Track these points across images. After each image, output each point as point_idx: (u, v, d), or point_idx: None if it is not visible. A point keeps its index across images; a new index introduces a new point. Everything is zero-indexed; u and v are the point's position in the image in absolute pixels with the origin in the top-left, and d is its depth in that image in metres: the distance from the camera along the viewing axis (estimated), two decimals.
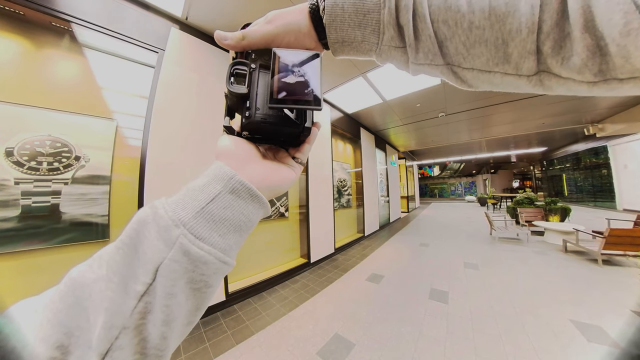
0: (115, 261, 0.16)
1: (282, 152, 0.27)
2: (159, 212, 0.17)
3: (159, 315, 0.15)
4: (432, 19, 0.21)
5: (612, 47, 0.15)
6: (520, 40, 0.18)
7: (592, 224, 5.23)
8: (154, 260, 0.16)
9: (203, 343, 1.62)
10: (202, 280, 0.17)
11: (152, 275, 0.15)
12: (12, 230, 1.22)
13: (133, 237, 0.17)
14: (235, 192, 0.19)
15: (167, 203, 0.18)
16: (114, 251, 0.17)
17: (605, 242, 2.81)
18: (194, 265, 0.16)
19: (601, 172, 9.07)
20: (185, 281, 0.16)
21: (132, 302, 0.15)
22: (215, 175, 0.20)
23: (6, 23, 1.29)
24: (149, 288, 0.15)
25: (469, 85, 0.24)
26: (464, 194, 21.97)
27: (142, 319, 0.15)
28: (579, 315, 1.84)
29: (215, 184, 0.19)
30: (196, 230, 0.17)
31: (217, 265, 0.18)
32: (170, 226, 0.16)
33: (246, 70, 0.23)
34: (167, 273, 0.16)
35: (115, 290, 0.15)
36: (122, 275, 0.16)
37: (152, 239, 0.16)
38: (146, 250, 0.16)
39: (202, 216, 0.18)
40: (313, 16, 0.24)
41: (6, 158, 1.22)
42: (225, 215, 0.19)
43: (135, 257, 0.16)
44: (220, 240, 0.18)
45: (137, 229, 0.17)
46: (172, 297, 0.16)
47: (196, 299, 0.17)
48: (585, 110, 5.04)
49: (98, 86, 1.59)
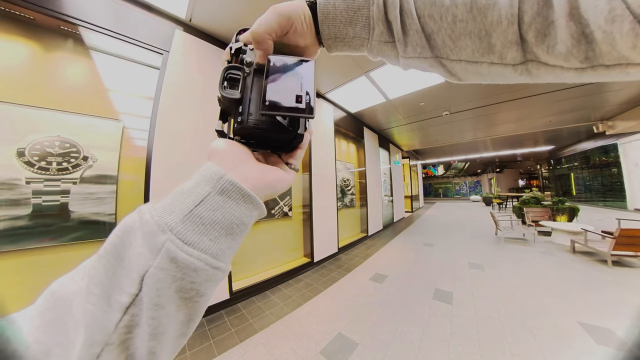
0: (97, 271, 0.15)
1: (275, 157, 0.27)
2: (144, 217, 0.16)
3: (146, 328, 0.14)
4: (419, 14, 0.21)
5: (598, 34, 0.15)
6: (501, 31, 0.19)
7: (601, 224, 5.11)
8: (139, 269, 0.15)
9: (207, 340, 1.64)
10: (193, 288, 0.16)
11: (137, 285, 0.14)
12: (24, 228, 1.26)
13: (117, 244, 0.16)
14: (225, 193, 0.18)
15: (154, 208, 0.17)
16: (96, 261, 0.16)
17: (616, 242, 2.74)
18: (182, 273, 0.15)
19: (611, 171, 8.84)
20: (174, 290, 0.15)
21: (116, 316, 0.14)
22: (204, 176, 0.19)
23: (18, 28, 1.33)
24: (135, 299, 0.14)
25: (458, 78, 0.24)
26: (469, 193, 21.69)
27: (128, 333, 0.14)
28: (588, 318, 1.80)
29: (204, 185, 0.18)
30: (184, 235, 0.16)
31: (209, 271, 0.16)
32: (156, 232, 0.15)
33: (240, 75, 0.23)
34: (153, 282, 0.14)
35: (96, 304, 0.14)
36: (104, 287, 0.15)
37: (138, 246, 0.15)
38: (131, 259, 0.15)
39: (191, 220, 0.16)
40: (311, 10, 0.24)
41: (18, 158, 1.26)
42: (215, 217, 0.17)
43: (120, 266, 0.15)
44: (211, 244, 0.17)
45: (121, 236, 0.16)
46: (159, 309, 0.15)
47: (188, 309, 0.16)
48: (594, 107, 4.91)
49: (105, 88, 1.63)
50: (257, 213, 0.21)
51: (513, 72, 0.21)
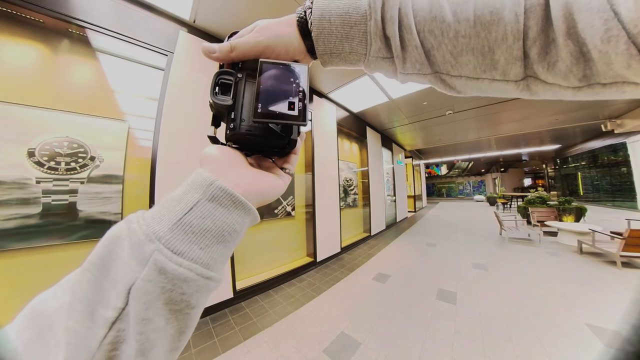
0: (80, 285, 0.14)
1: (269, 162, 0.27)
2: (132, 226, 0.15)
3: (133, 344, 0.13)
4: (418, 29, 0.21)
5: (595, 53, 0.16)
6: (506, 47, 0.18)
7: (610, 224, 5.01)
8: (125, 281, 0.14)
9: (212, 338, 1.66)
10: (184, 300, 0.15)
11: (124, 298, 0.14)
12: (34, 227, 1.29)
13: (104, 256, 0.15)
14: (215, 200, 0.17)
15: (144, 217, 0.16)
16: (81, 274, 0.15)
17: (625, 243, 2.68)
18: (172, 284, 0.14)
19: (620, 170, 8.64)
20: (162, 303, 0.14)
21: (100, 332, 0.13)
22: (194, 183, 0.18)
23: (28, 31, 1.36)
24: (121, 313, 0.13)
25: (458, 92, 0.24)
26: (473, 193, 21.45)
27: (113, 350, 0.13)
28: (596, 319, 1.77)
29: (193, 192, 0.17)
30: (173, 244, 0.15)
31: (200, 282, 0.16)
32: (143, 241, 0.15)
33: (232, 81, 0.23)
34: (139, 295, 0.14)
35: (78, 320, 0.13)
36: (88, 301, 0.14)
37: (125, 257, 0.14)
38: (118, 270, 0.14)
39: (180, 228, 0.16)
40: (301, 28, 0.24)
41: (28, 158, 1.29)
42: (206, 225, 0.17)
43: (106, 279, 0.14)
44: (202, 253, 0.16)
45: (108, 246, 0.15)
46: (147, 323, 0.14)
47: (179, 321, 0.15)
48: (602, 105, 4.82)
49: (111, 89, 1.65)
50: (250, 219, 0.20)
51: (515, 88, 0.20)
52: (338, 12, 0.23)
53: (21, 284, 1.24)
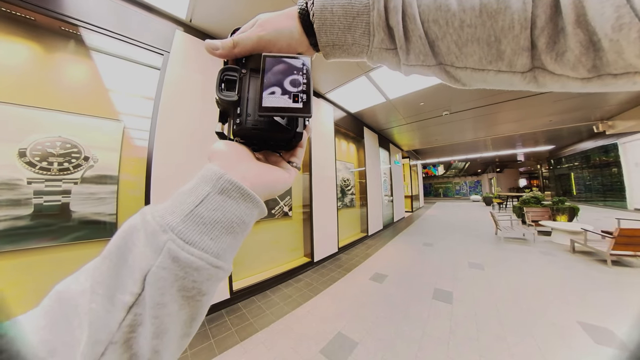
0: (100, 272, 0.16)
1: (276, 156, 0.27)
2: (146, 218, 0.16)
3: (149, 327, 0.14)
4: (422, 19, 0.20)
5: (605, 42, 0.15)
6: (513, 37, 0.18)
7: (601, 223, 5.11)
8: (141, 269, 0.15)
9: (208, 339, 1.65)
10: (195, 287, 0.16)
11: (140, 284, 0.15)
12: (25, 228, 1.26)
13: (121, 245, 0.16)
14: (225, 192, 0.18)
15: (156, 209, 0.17)
16: (100, 261, 0.16)
17: (615, 242, 2.74)
18: (184, 272, 0.15)
19: (611, 171, 8.83)
20: (176, 289, 0.15)
21: (119, 315, 0.14)
22: (204, 177, 0.19)
23: (18, 28, 1.33)
24: (138, 299, 0.14)
25: (463, 84, 0.24)
26: (469, 193, 21.68)
27: (131, 332, 0.14)
28: (587, 317, 1.81)
29: (204, 186, 0.18)
30: (185, 234, 0.16)
31: (210, 270, 0.16)
32: (157, 231, 0.16)
33: (236, 76, 0.23)
34: (155, 281, 0.15)
35: (100, 303, 0.14)
36: (108, 287, 0.15)
37: (141, 246, 0.15)
38: (135, 259, 0.15)
39: (192, 219, 0.17)
40: (303, 21, 0.23)
41: (19, 159, 1.26)
42: (216, 217, 0.17)
43: (124, 267, 0.15)
44: (212, 243, 0.17)
45: (125, 237, 0.16)
46: (162, 307, 0.15)
47: (190, 307, 0.16)
48: (594, 107, 4.92)
49: (105, 88, 1.63)
50: (258, 212, 0.20)
51: (521, 80, 0.20)
52: (340, 2, 0.22)
53: (11, 287, 1.21)
